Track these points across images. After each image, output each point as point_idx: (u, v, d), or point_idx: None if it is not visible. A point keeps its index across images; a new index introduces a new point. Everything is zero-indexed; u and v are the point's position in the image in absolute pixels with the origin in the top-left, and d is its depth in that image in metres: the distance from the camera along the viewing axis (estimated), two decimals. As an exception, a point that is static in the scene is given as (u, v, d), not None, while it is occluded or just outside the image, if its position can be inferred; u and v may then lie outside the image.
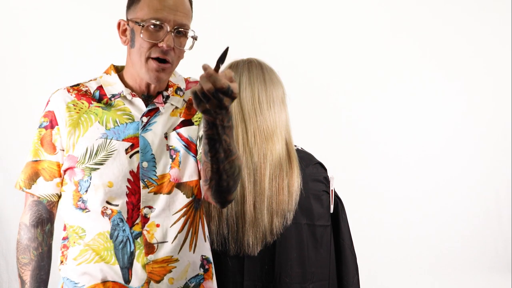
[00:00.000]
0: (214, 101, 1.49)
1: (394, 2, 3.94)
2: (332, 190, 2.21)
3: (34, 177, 1.79)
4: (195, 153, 1.82)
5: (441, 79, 3.98)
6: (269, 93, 2.12)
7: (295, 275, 2.10)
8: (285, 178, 2.08)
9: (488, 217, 3.98)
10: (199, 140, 1.81)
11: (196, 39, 1.76)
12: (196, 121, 1.84)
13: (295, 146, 2.18)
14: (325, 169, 2.23)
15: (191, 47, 1.76)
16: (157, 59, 1.71)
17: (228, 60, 2.22)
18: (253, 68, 2.15)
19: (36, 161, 1.79)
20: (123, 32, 1.78)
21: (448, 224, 3.89)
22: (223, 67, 2.19)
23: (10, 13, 3.24)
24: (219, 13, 3.59)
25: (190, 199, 1.81)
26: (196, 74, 2.03)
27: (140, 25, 1.71)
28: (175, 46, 1.72)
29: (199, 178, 1.82)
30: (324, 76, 3.77)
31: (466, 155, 3.97)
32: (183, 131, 1.81)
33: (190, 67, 1.90)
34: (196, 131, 1.83)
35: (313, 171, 2.17)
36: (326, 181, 2.20)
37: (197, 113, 1.84)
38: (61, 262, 1.81)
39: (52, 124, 1.78)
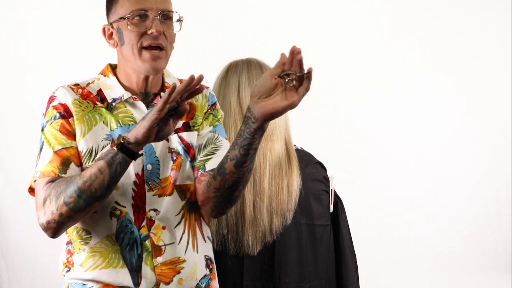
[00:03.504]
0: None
1: (394, 2, 3.94)
2: (331, 189, 2.22)
3: (66, 162, 1.70)
4: (192, 158, 1.83)
5: (441, 79, 3.98)
6: (268, 93, 2.12)
7: (294, 274, 2.10)
8: (284, 177, 2.08)
9: (488, 217, 3.98)
10: (199, 149, 1.83)
11: (182, 21, 1.78)
12: (194, 126, 1.84)
13: (295, 145, 2.18)
14: (325, 169, 2.23)
15: (180, 29, 1.78)
16: (149, 48, 1.72)
17: (227, 60, 2.23)
18: (252, 68, 2.15)
19: (62, 149, 1.72)
20: (110, 36, 1.79)
21: (448, 224, 3.88)
22: (220, 68, 2.20)
23: (10, 13, 3.24)
24: (219, 13, 3.59)
25: (184, 202, 1.80)
26: (196, 73, 2.03)
27: (125, 19, 1.72)
28: (165, 30, 1.73)
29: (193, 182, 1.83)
30: (324, 76, 3.76)
31: (466, 155, 3.97)
32: (185, 135, 1.82)
33: (190, 67, 1.90)
34: (195, 136, 1.84)
35: (312, 170, 2.17)
36: (326, 180, 2.21)
37: (195, 118, 1.85)
38: (69, 269, 1.78)
39: (68, 114, 1.75)
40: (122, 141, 1.58)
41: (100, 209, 1.73)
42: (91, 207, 1.65)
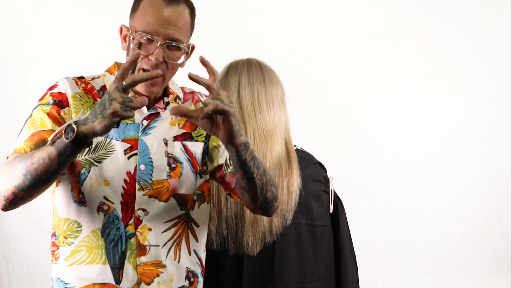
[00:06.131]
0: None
1: (394, 3, 3.94)
2: (331, 190, 2.22)
3: (41, 143, 1.68)
4: (196, 169, 1.83)
5: (441, 79, 3.98)
6: (268, 93, 2.12)
7: (294, 275, 2.10)
8: (284, 178, 2.08)
9: (488, 217, 3.98)
10: (228, 159, 1.85)
11: (188, 54, 1.76)
12: (198, 136, 1.85)
13: (295, 146, 2.18)
14: (325, 169, 2.23)
15: (182, 64, 1.77)
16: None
17: (227, 60, 2.23)
18: (252, 68, 2.15)
19: (44, 130, 1.70)
20: (124, 37, 1.79)
21: (448, 224, 3.89)
22: (220, 68, 2.20)
23: (10, 13, 3.24)
24: (218, 12, 3.58)
25: (183, 211, 1.81)
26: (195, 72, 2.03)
27: (132, 37, 1.72)
28: (166, 59, 1.71)
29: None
30: (324, 76, 3.77)
31: (466, 155, 3.97)
32: (189, 144, 1.83)
33: (190, 67, 1.90)
34: (199, 147, 1.84)
35: (312, 171, 2.17)
36: (326, 181, 2.21)
37: (198, 128, 1.85)
38: (52, 261, 1.80)
39: (63, 104, 1.75)
40: (77, 134, 1.51)
41: (88, 203, 1.73)
42: (37, 189, 1.60)
